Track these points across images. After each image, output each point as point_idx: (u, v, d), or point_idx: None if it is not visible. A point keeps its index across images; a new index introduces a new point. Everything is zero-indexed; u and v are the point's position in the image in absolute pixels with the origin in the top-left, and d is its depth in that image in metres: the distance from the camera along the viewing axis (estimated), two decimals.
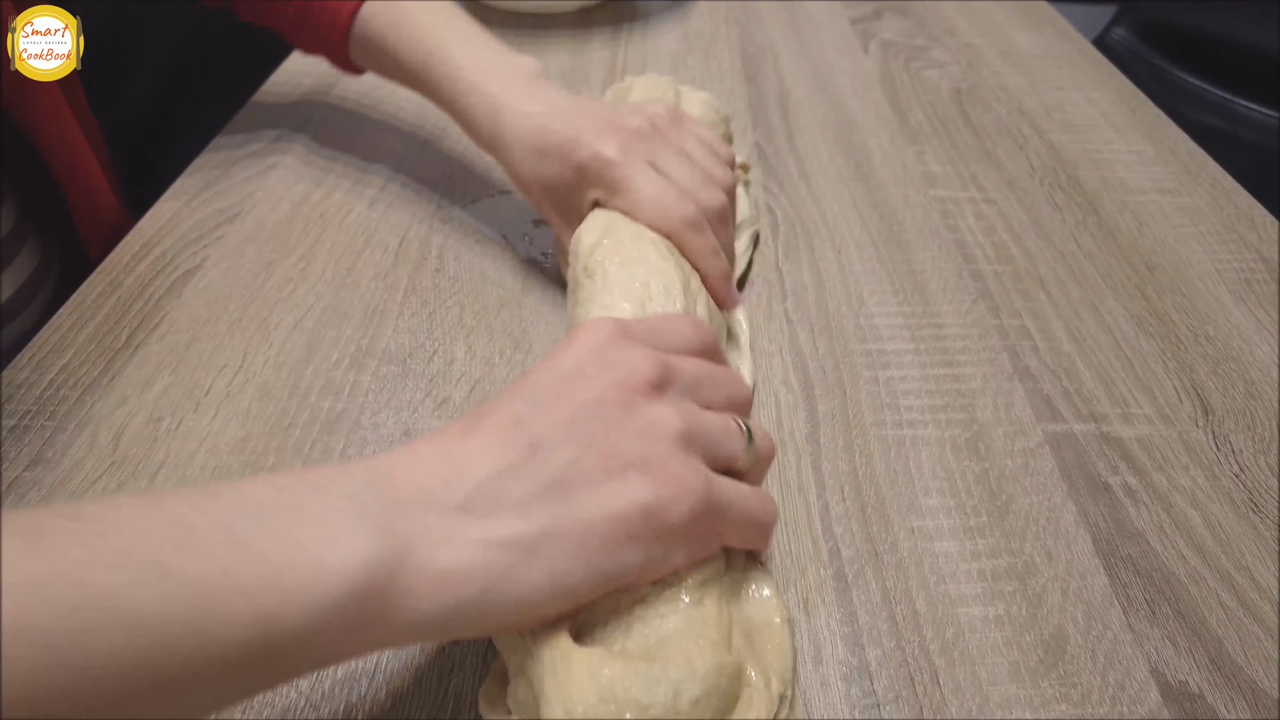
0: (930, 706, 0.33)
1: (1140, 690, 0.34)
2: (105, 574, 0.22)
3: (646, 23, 0.86)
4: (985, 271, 0.55)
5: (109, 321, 0.50)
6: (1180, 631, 0.36)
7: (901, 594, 0.37)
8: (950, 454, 0.43)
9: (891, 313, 0.52)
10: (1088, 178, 0.65)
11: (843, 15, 0.89)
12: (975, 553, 0.39)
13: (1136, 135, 0.70)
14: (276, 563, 0.24)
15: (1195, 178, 0.65)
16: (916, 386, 0.47)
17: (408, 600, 0.25)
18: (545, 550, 0.27)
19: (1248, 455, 0.44)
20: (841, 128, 0.70)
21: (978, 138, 0.69)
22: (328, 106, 0.70)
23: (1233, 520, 0.40)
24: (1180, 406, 0.46)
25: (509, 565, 0.26)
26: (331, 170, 0.63)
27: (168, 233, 0.56)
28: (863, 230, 0.58)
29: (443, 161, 0.64)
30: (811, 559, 0.38)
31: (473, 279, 0.53)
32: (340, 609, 0.24)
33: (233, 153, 0.64)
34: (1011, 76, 0.79)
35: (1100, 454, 0.43)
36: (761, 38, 0.84)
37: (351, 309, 0.51)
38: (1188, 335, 0.51)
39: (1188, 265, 0.56)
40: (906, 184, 0.63)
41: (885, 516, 0.40)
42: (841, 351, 0.49)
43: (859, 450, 0.43)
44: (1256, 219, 0.61)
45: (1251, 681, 0.34)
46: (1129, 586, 0.38)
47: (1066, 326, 0.51)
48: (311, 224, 0.58)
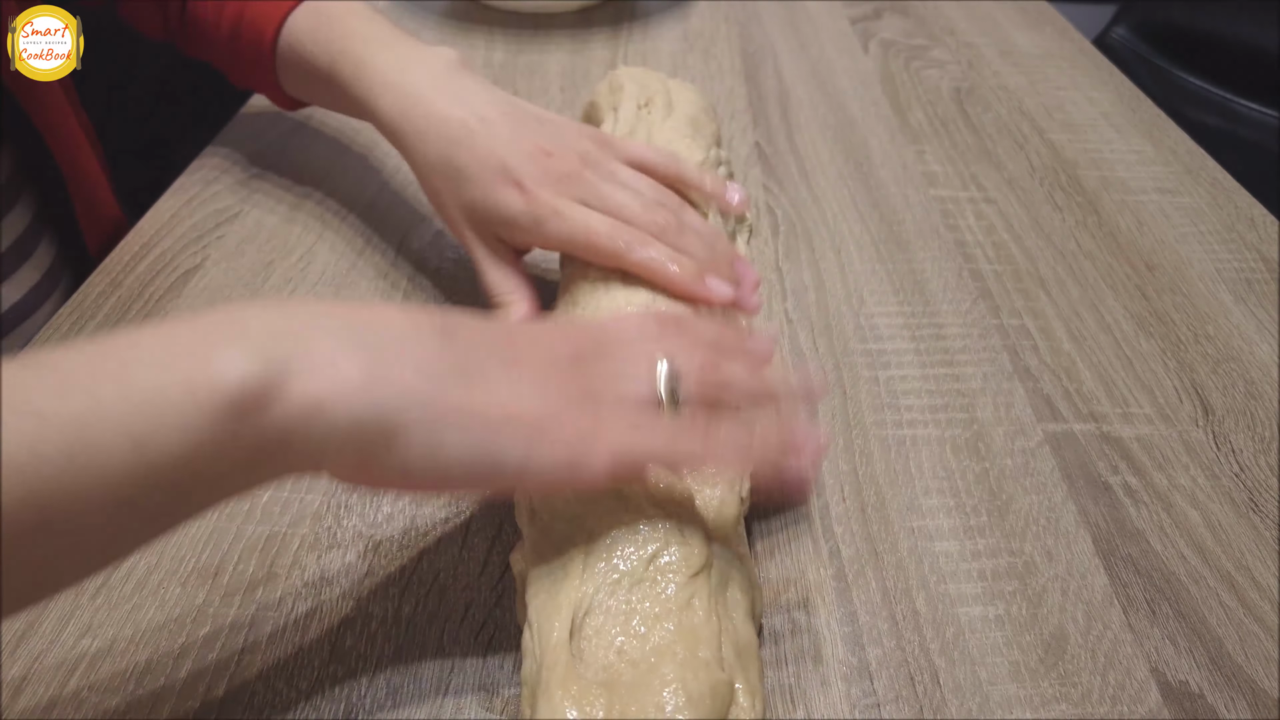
0: (930, 706, 0.33)
1: (1140, 690, 0.34)
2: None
3: (646, 22, 0.86)
4: (985, 271, 0.55)
5: (109, 321, 0.50)
6: (1180, 631, 0.36)
7: (902, 594, 0.37)
8: (950, 454, 0.43)
9: (891, 312, 0.52)
10: (1088, 177, 0.65)
11: (843, 15, 0.89)
12: (975, 552, 0.39)
13: (1136, 135, 0.70)
14: (147, 389, 0.24)
15: (1195, 177, 0.65)
16: (916, 386, 0.47)
17: (281, 416, 0.25)
18: (432, 406, 0.27)
19: (1248, 455, 0.44)
20: (841, 127, 0.70)
21: (978, 137, 0.69)
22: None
23: (1233, 520, 0.40)
24: (1180, 406, 0.46)
25: (392, 403, 0.26)
26: (331, 171, 0.63)
27: (168, 233, 0.56)
28: (863, 230, 0.58)
29: None
30: (811, 559, 0.38)
31: (472, 279, 0.53)
32: (212, 429, 0.24)
33: (232, 153, 0.64)
34: (1011, 76, 0.79)
35: (1100, 454, 0.43)
36: (761, 37, 0.84)
37: None
38: (1188, 335, 0.51)
39: (1188, 265, 0.56)
40: (906, 184, 0.63)
41: (885, 516, 0.40)
42: (841, 351, 0.49)
43: (859, 450, 0.43)
44: (1256, 219, 0.61)
45: (1251, 681, 0.34)
46: (1129, 586, 0.38)
47: (1066, 326, 0.51)
48: (311, 224, 0.58)
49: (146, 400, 0.24)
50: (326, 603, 0.36)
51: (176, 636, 0.35)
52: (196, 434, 0.24)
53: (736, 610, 0.32)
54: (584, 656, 0.29)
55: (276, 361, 0.25)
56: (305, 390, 0.25)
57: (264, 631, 0.35)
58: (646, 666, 0.28)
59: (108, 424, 0.23)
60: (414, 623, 0.35)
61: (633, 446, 0.30)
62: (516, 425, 0.28)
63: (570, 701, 0.27)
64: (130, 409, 0.23)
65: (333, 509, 0.40)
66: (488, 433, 0.28)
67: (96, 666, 0.33)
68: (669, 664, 0.28)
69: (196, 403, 0.24)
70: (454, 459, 0.28)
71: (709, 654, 0.29)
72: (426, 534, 0.39)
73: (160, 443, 0.24)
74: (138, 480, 0.24)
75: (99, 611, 0.35)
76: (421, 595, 0.36)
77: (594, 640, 0.29)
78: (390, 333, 0.28)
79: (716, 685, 0.28)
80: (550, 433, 0.29)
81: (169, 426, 0.24)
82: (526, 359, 0.30)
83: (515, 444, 0.28)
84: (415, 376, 0.27)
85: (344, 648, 0.34)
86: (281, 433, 0.25)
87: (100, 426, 0.23)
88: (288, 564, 0.37)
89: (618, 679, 0.28)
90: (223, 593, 0.36)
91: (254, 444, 0.25)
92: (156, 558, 0.37)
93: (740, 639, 0.31)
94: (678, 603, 0.30)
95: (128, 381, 0.24)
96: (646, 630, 0.29)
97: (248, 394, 0.25)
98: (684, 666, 0.28)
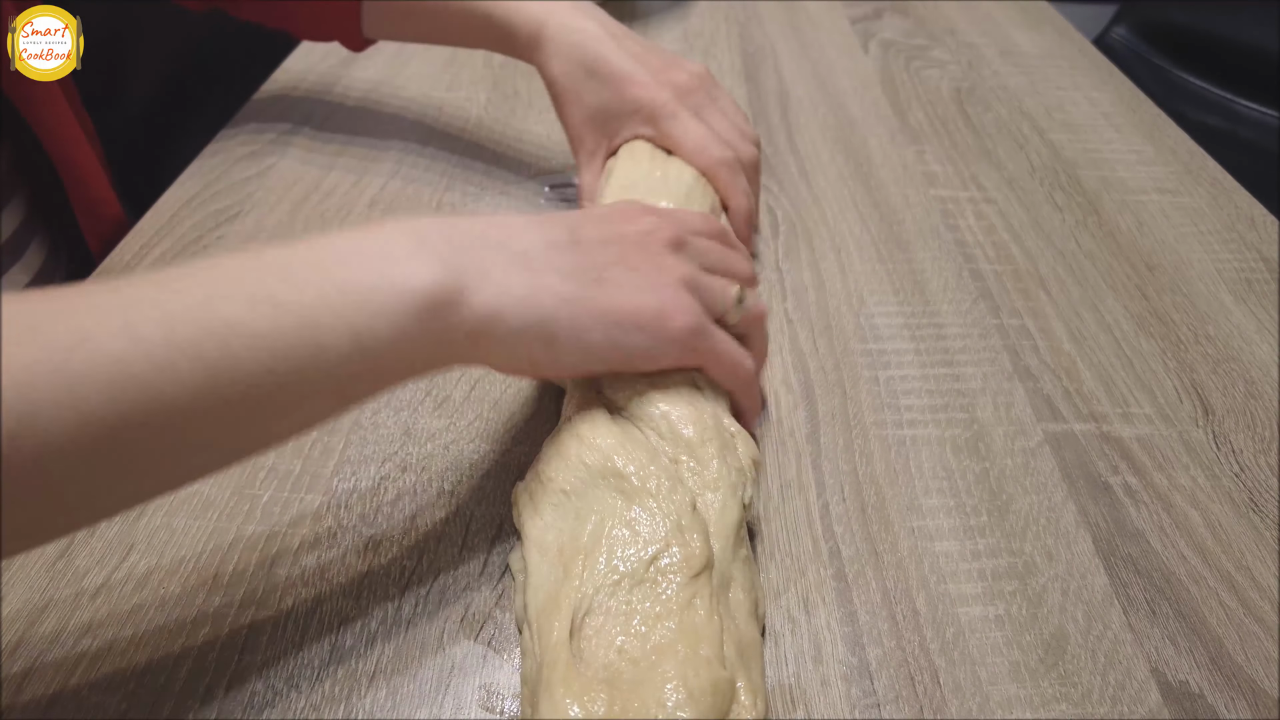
0: (930, 706, 0.33)
1: (1140, 690, 0.34)
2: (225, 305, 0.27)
3: (646, 23, 0.86)
4: (985, 271, 0.55)
5: None
6: (1180, 631, 0.36)
7: (902, 594, 0.37)
8: (950, 454, 0.43)
9: (891, 312, 0.52)
10: (1088, 177, 0.65)
11: (843, 15, 0.89)
12: (975, 552, 0.39)
13: (1136, 135, 0.70)
14: (364, 288, 0.29)
15: (1195, 177, 0.65)
16: (917, 386, 0.47)
17: (467, 318, 0.31)
18: (577, 309, 0.34)
19: (1248, 455, 0.44)
20: (841, 127, 0.70)
21: (978, 137, 0.69)
22: (327, 106, 0.70)
23: (1233, 520, 0.40)
24: (1180, 406, 0.46)
25: (549, 310, 0.33)
26: (331, 170, 0.63)
27: (168, 233, 0.56)
28: (863, 230, 0.58)
29: (443, 160, 0.64)
30: (811, 559, 0.38)
31: None
32: (416, 322, 0.30)
33: (232, 153, 0.64)
34: (1011, 76, 0.79)
35: (1100, 454, 0.43)
36: (761, 37, 0.84)
37: None
38: (1188, 335, 0.51)
39: (1188, 265, 0.56)
40: (906, 184, 0.63)
41: (885, 516, 0.40)
42: (842, 351, 0.49)
43: (859, 450, 0.43)
44: (1256, 219, 0.61)
45: (1252, 681, 0.34)
46: (1129, 586, 0.38)
47: (1067, 326, 0.51)
48: (311, 224, 0.58)
49: (363, 297, 0.29)
50: (326, 603, 0.36)
51: (176, 636, 0.35)
52: (403, 327, 0.29)
53: (739, 610, 0.32)
54: (584, 656, 0.29)
55: (458, 270, 0.31)
56: (484, 301, 0.31)
57: (264, 631, 0.35)
58: (648, 664, 0.28)
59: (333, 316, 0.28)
60: (414, 623, 0.35)
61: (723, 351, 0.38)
62: (641, 320, 0.35)
63: (572, 698, 0.27)
64: (350, 303, 0.29)
65: (333, 509, 0.40)
66: (620, 330, 0.35)
67: (96, 666, 0.33)
68: (670, 661, 0.28)
69: (401, 301, 0.29)
70: (595, 353, 0.35)
71: (710, 652, 0.29)
72: (426, 534, 0.39)
73: (374, 333, 0.29)
74: (353, 364, 0.29)
75: (99, 611, 0.35)
76: (421, 595, 0.36)
77: (594, 640, 0.29)
78: (533, 240, 0.35)
79: (718, 682, 0.28)
80: (665, 329, 0.35)
81: (382, 320, 0.29)
82: (637, 255, 0.37)
83: (641, 338, 0.35)
84: (562, 284, 0.34)
85: (344, 648, 0.34)
86: (468, 332, 0.31)
87: (327, 317, 0.28)
88: (288, 564, 0.37)
89: (619, 677, 0.28)
90: (223, 593, 0.36)
91: (445, 338, 0.31)
92: (156, 558, 0.37)
93: (743, 638, 0.31)
94: (679, 603, 0.30)
95: (345, 279, 0.29)
96: (647, 630, 0.29)
97: (440, 295, 0.30)
98: (685, 664, 0.28)
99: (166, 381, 0.25)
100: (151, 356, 0.25)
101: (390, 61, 0.76)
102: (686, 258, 0.39)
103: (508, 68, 0.76)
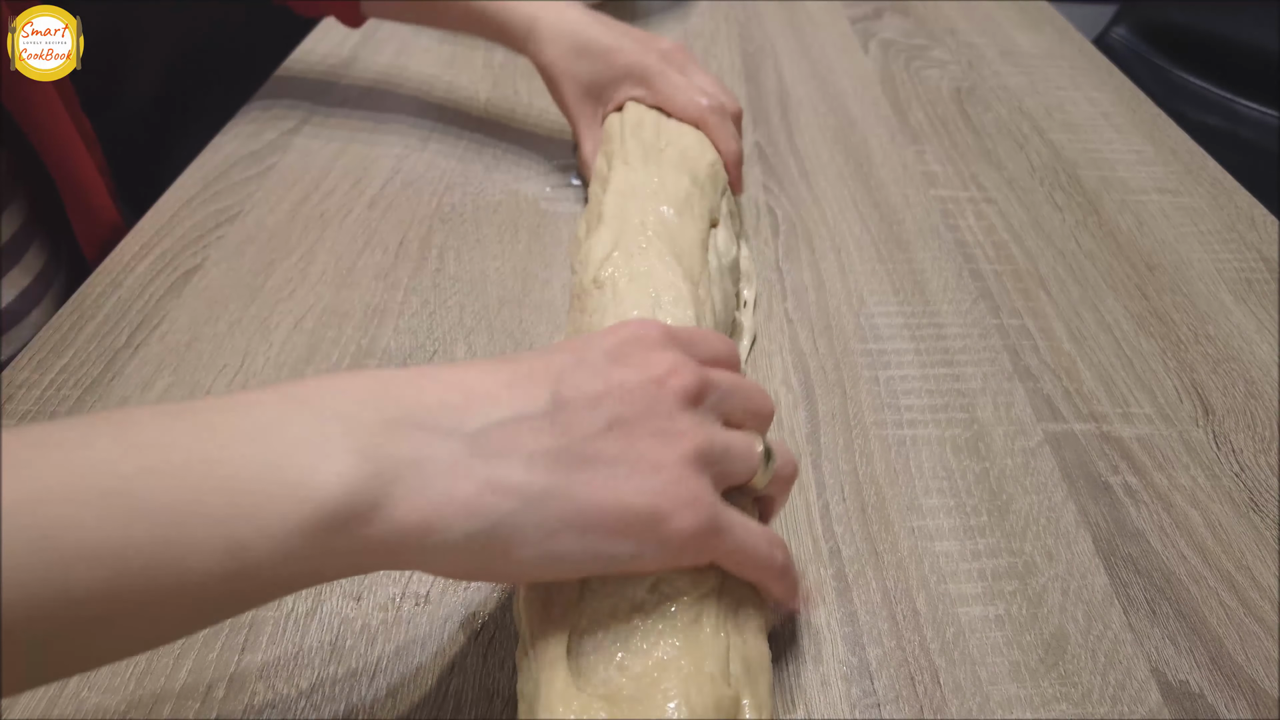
0: (930, 706, 0.33)
1: (1140, 690, 0.34)
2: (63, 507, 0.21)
3: (646, 23, 0.86)
4: (985, 271, 0.55)
5: (109, 321, 0.50)
6: (1180, 631, 0.36)
7: (902, 593, 0.37)
8: (950, 454, 0.43)
9: (892, 312, 0.52)
10: (1088, 177, 0.65)
11: (843, 15, 0.89)
12: (975, 552, 0.39)
13: (1136, 135, 0.70)
14: (249, 488, 0.23)
15: (1195, 177, 0.65)
16: (917, 386, 0.47)
17: (389, 532, 0.24)
18: (544, 510, 0.26)
19: (1248, 455, 0.44)
20: (841, 127, 0.70)
21: (978, 137, 0.69)
22: (327, 106, 0.70)
23: (1233, 520, 0.40)
24: (1180, 406, 0.46)
25: (505, 514, 0.25)
26: (331, 170, 0.63)
27: (168, 233, 0.56)
28: (863, 230, 0.58)
29: (443, 160, 0.64)
30: (811, 559, 0.38)
31: (473, 279, 0.53)
32: (315, 537, 0.23)
33: (232, 153, 0.64)
34: (1011, 76, 0.79)
35: (1100, 453, 0.43)
36: (761, 37, 0.84)
37: (352, 309, 0.51)
38: (1188, 335, 0.51)
39: (1188, 265, 0.56)
40: (906, 184, 0.63)
41: (885, 516, 0.40)
42: (842, 351, 0.49)
43: (859, 450, 0.43)
44: (1256, 219, 0.61)
45: (1252, 681, 0.34)
46: (1129, 586, 0.38)
47: (1067, 326, 0.51)
48: (311, 224, 0.58)
49: (249, 503, 0.23)
50: (326, 603, 0.36)
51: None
52: (297, 544, 0.23)
53: (749, 623, 0.31)
54: (583, 672, 0.28)
55: (381, 467, 0.24)
56: (413, 509, 0.24)
57: (264, 631, 0.35)
58: (649, 680, 0.27)
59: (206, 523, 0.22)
60: (414, 623, 0.35)
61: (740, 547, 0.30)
62: (627, 523, 0.27)
63: (571, 714, 0.27)
64: (232, 512, 0.22)
65: None
66: (598, 537, 0.27)
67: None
68: (672, 678, 0.27)
69: (300, 514, 0.23)
70: (567, 561, 0.27)
71: (715, 668, 0.28)
72: None
73: (257, 549, 0.22)
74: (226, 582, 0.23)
75: None
76: (421, 596, 0.36)
77: (592, 656, 0.28)
78: (498, 413, 0.27)
79: (721, 700, 0.27)
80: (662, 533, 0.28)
81: (269, 534, 0.22)
82: (640, 419, 0.29)
83: (629, 546, 0.27)
84: (528, 473, 0.26)
85: (344, 648, 0.34)
86: (386, 547, 0.24)
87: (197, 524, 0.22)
88: None
89: (618, 693, 0.27)
90: None
91: (354, 553, 0.24)
92: None
93: (750, 654, 0.30)
94: (684, 620, 0.29)
95: (230, 477, 0.23)
96: (649, 646, 0.28)
97: (351, 507, 0.23)
98: (688, 681, 0.27)
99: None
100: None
101: (390, 63, 0.76)
102: (704, 414, 0.30)
103: (507, 68, 0.76)
